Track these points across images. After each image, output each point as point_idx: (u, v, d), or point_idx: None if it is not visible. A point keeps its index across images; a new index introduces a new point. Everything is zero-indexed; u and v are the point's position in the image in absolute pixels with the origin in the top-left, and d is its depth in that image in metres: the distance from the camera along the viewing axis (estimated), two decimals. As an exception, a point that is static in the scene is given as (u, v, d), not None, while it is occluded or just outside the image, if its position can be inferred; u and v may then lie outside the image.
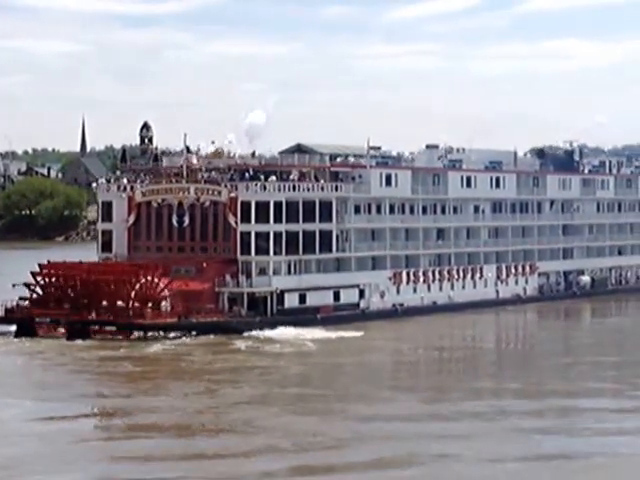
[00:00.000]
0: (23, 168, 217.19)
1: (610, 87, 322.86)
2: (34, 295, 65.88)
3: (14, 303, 65.28)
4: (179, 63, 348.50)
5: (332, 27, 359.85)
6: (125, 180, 76.16)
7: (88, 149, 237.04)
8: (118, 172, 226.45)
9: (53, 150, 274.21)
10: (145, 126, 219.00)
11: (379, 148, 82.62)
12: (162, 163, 77.01)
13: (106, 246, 73.14)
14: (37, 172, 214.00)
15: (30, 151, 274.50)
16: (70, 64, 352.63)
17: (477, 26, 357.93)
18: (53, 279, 66.04)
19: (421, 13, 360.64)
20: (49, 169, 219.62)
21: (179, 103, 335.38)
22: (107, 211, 73.90)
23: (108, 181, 79.34)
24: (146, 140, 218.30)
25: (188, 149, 73.51)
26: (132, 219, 72.21)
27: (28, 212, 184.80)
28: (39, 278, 65.98)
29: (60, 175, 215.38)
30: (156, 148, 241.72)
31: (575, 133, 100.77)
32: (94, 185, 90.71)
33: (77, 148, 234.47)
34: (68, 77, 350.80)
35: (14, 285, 65.71)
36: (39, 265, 66.82)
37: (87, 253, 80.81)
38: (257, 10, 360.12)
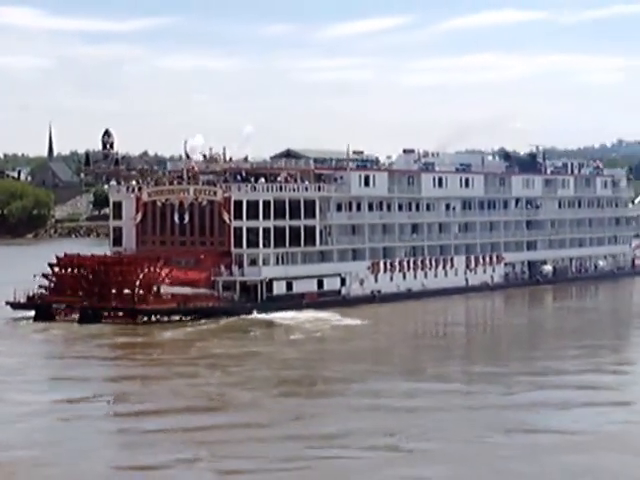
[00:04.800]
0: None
1: (526, 96, 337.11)
2: (51, 284, 71.46)
3: (35, 291, 70.91)
4: (136, 76, 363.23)
5: (275, 43, 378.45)
6: (134, 182, 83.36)
7: (55, 154, 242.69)
8: (82, 175, 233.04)
9: (22, 155, 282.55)
10: (106, 133, 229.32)
11: (362, 152, 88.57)
12: (122, 167, 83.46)
13: (117, 241, 78.92)
14: (8, 175, 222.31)
15: (1, 156, 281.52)
16: (37, 77, 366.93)
17: (407, 42, 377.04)
18: (69, 270, 71.67)
19: (356, 30, 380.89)
20: (19, 172, 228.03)
21: (137, 112, 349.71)
22: (117, 210, 79.61)
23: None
24: (107, 146, 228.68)
25: (187, 155, 79.81)
26: (139, 217, 77.66)
27: (0, 212, 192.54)
28: (56, 269, 71.86)
29: (29, 178, 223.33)
30: (117, 153, 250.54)
31: (496, 138, 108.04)
32: (105, 187, 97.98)
33: (45, 153, 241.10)
34: (36, 88, 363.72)
35: (35, 275, 71.23)
36: (56, 257, 72.65)
37: (57, 248, 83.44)
38: (206, 27, 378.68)
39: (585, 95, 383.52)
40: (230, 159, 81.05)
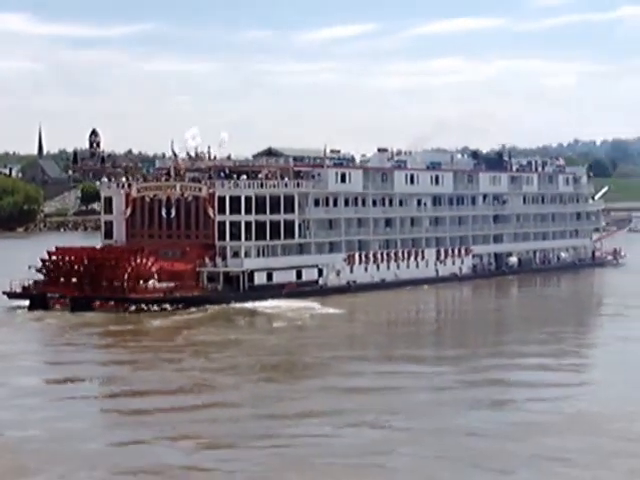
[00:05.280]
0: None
1: (487, 98, 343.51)
2: (46, 275, 72.15)
3: (30, 282, 71.74)
4: (121, 79, 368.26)
5: (250, 48, 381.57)
6: (124, 178, 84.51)
7: (44, 152, 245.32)
8: (70, 172, 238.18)
9: (14, 153, 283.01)
10: (93, 132, 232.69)
11: (338, 151, 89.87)
12: (108, 164, 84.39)
13: (108, 234, 79.82)
14: (0, 172, 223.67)
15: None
16: (28, 79, 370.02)
17: (374, 47, 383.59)
18: (62, 261, 72.40)
19: (326, 36, 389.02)
20: (10, 169, 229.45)
21: (122, 113, 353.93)
22: (108, 205, 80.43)
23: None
24: (94, 144, 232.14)
25: (174, 154, 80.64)
26: (129, 211, 78.69)
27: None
28: (50, 260, 72.63)
29: (20, 175, 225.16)
30: (103, 151, 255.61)
31: (460, 138, 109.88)
32: (97, 184, 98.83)
33: (35, 151, 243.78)
34: (27, 90, 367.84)
35: (30, 267, 72.10)
36: (50, 250, 73.55)
37: (47, 241, 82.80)
38: (186, 34, 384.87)
39: (543, 97, 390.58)
40: (214, 157, 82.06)
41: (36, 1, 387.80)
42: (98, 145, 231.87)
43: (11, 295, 72.50)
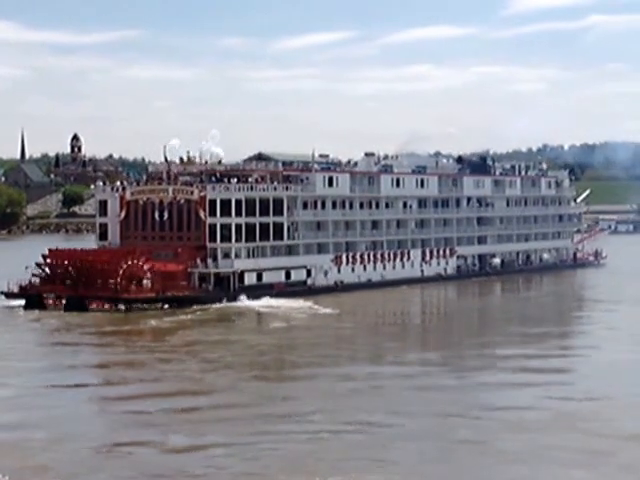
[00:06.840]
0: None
1: (459, 104, 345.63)
2: (42, 275, 73.55)
3: (27, 282, 73.09)
4: (102, 85, 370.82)
5: (229, 54, 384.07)
6: (118, 182, 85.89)
7: (27, 156, 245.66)
8: (52, 175, 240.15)
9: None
10: (75, 137, 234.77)
11: (327, 156, 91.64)
12: (89, 168, 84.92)
13: (103, 236, 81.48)
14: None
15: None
16: (10, 85, 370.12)
17: (350, 54, 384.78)
18: (58, 262, 73.52)
19: (304, 43, 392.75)
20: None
21: (103, 118, 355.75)
22: (103, 208, 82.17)
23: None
24: (76, 149, 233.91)
25: (166, 159, 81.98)
26: (123, 214, 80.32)
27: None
28: (47, 261, 73.84)
29: (3, 179, 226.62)
30: (84, 156, 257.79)
31: (433, 142, 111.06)
32: (92, 187, 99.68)
33: (18, 156, 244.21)
34: (9, 96, 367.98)
35: (27, 267, 73.49)
36: (43, 253, 74.58)
37: (30, 243, 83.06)
38: (166, 40, 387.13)
39: (514, 104, 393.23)
40: (206, 162, 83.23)
41: (18, 8, 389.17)
42: (79, 150, 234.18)
43: (8, 295, 73.87)
